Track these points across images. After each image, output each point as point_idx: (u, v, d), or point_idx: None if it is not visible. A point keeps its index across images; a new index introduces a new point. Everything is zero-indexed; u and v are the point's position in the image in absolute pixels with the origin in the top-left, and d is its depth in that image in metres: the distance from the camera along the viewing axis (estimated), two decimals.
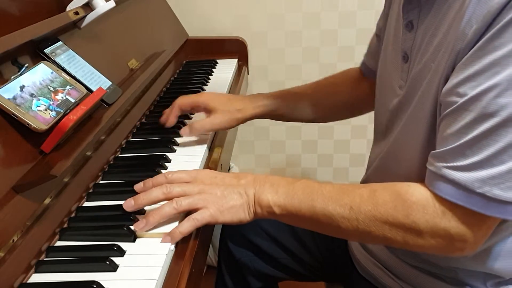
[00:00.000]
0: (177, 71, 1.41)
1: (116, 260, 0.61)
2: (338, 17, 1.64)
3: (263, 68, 1.71)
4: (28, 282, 0.59)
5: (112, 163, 0.87)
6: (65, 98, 0.78)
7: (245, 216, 0.69)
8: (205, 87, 1.28)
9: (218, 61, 1.50)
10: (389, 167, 0.77)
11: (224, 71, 1.43)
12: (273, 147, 1.84)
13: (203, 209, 0.67)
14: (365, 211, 0.62)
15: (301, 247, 0.96)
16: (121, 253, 0.63)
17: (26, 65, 0.75)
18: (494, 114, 0.54)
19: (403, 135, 0.72)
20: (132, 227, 0.66)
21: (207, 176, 0.71)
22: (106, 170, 0.84)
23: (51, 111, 0.73)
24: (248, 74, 1.57)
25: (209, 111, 0.93)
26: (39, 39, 0.82)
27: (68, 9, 0.92)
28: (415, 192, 0.61)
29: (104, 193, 0.77)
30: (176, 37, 1.51)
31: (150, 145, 0.92)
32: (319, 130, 1.80)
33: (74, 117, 0.73)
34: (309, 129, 1.80)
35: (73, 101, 0.78)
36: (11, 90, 0.69)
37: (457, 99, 0.57)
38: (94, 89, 0.86)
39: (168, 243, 0.64)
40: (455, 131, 0.57)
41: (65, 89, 0.79)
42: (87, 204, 0.75)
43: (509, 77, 0.53)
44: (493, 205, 0.56)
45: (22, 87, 0.71)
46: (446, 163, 0.58)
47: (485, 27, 0.55)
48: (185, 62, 1.50)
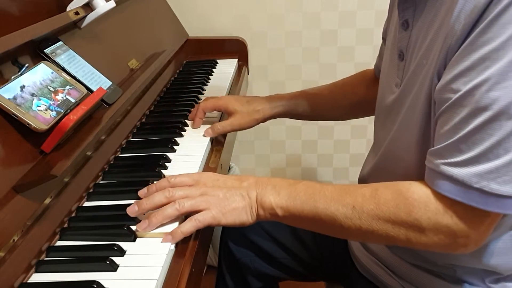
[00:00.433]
0: (177, 71, 1.41)
1: (116, 260, 0.61)
2: (338, 17, 1.64)
3: (263, 68, 1.71)
4: (28, 282, 0.59)
5: (112, 163, 0.87)
6: (65, 98, 0.78)
7: (247, 218, 0.69)
8: (205, 87, 1.28)
9: (218, 61, 1.50)
10: (387, 165, 0.77)
11: (224, 71, 1.43)
12: (273, 147, 1.84)
13: (206, 210, 0.67)
14: (368, 210, 0.63)
15: (302, 247, 0.96)
16: (121, 253, 0.63)
17: (26, 65, 0.75)
18: (486, 108, 0.54)
19: (399, 133, 0.72)
20: (132, 227, 0.67)
21: (209, 178, 0.72)
22: (106, 170, 0.84)
23: (52, 111, 0.73)
24: (248, 74, 1.57)
25: (229, 113, 1.00)
26: (39, 39, 0.82)
27: (68, 9, 0.93)
28: (417, 190, 0.61)
29: (104, 193, 0.78)
30: (176, 37, 1.51)
31: (150, 145, 0.93)
32: (319, 130, 1.80)
33: (74, 117, 0.73)
34: (309, 129, 1.79)
35: (73, 101, 0.78)
36: (11, 90, 0.69)
37: (451, 96, 0.58)
38: (94, 89, 0.86)
39: (168, 243, 0.64)
40: (451, 127, 0.58)
41: (65, 89, 0.79)
42: (87, 204, 0.75)
43: (499, 71, 0.53)
44: (491, 199, 0.56)
45: (22, 87, 0.71)
46: (443, 160, 0.58)
47: (473, 22, 0.56)
48: (185, 62, 1.50)
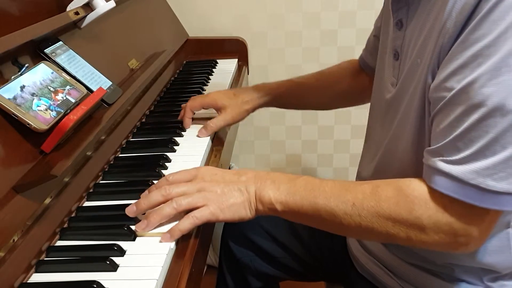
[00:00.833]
0: (177, 71, 1.41)
1: (116, 260, 0.61)
2: (338, 17, 1.63)
3: (263, 68, 1.71)
4: (28, 282, 0.59)
5: (112, 163, 0.87)
6: (65, 98, 0.78)
7: (246, 213, 0.69)
8: (205, 87, 1.28)
9: (218, 61, 1.50)
10: (387, 165, 0.77)
11: (224, 71, 1.43)
12: (273, 147, 1.84)
13: (204, 207, 0.66)
14: (368, 207, 0.62)
15: (302, 247, 0.96)
16: (121, 252, 0.63)
17: (26, 65, 0.75)
18: (480, 104, 0.54)
19: (398, 132, 0.72)
20: (132, 227, 0.67)
21: (207, 173, 0.71)
22: (106, 170, 0.84)
23: (52, 111, 0.73)
24: (248, 74, 1.57)
25: (219, 108, 0.99)
26: (39, 39, 0.82)
27: (68, 9, 0.93)
28: (417, 187, 0.61)
29: (104, 193, 0.78)
30: (176, 37, 1.51)
31: (150, 145, 0.93)
32: (319, 130, 1.80)
33: (74, 117, 0.73)
34: (309, 129, 1.79)
35: (73, 101, 0.78)
36: (11, 90, 0.69)
37: (445, 94, 0.58)
38: (94, 89, 0.86)
39: (168, 243, 0.64)
40: (447, 126, 0.58)
41: (66, 89, 0.79)
42: (87, 204, 0.75)
43: (492, 67, 0.53)
44: (487, 196, 0.56)
45: (22, 87, 0.71)
46: (441, 157, 0.58)
47: (465, 20, 0.56)
48: (185, 62, 1.50)
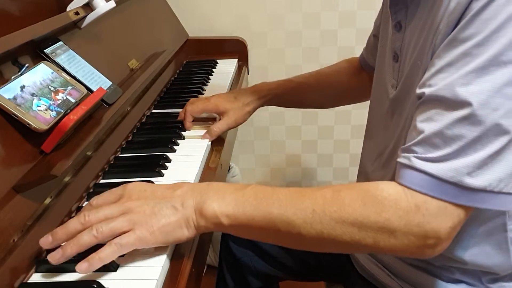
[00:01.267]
0: (177, 71, 1.41)
1: (116, 259, 0.61)
2: (338, 17, 1.64)
3: (263, 68, 1.71)
4: (28, 282, 0.59)
5: (112, 163, 0.87)
6: (65, 98, 0.78)
7: (182, 233, 0.61)
8: (205, 87, 1.28)
9: (218, 61, 1.50)
10: (388, 164, 0.77)
11: (224, 71, 1.43)
12: (273, 147, 1.84)
13: (129, 232, 0.59)
14: (330, 213, 0.57)
15: None
16: None
17: (26, 65, 0.75)
18: (465, 102, 0.53)
19: (402, 134, 0.72)
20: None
21: (135, 190, 0.63)
22: (106, 170, 0.85)
23: (52, 111, 0.73)
24: (248, 74, 1.57)
25: (221, 113, 0.99)
26: (39, 39, 0.82)
27: (68, 9, 0.93)
28: (386, 188, 0.57)
29: None
30: (176, 37, 1.51)
31: (150, 145, 0.93)
32: (319, 130, 1.80)
33: (74, 117, 0.73)
34: (309, 129, 1.80)
35: (73, 101, 0.78)
36: (11, 90, 0.69)
37: (427, 90, 0.57)
38: (94, 89, 0.86)
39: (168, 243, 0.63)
40: (424, 122, 0.56)
41: (66, 89, 0.79)
42: None
43: (480, 66, 0.53)
44: (464, 193, 0.54)
45: (22, 87, 0.71)
46: (415, 154, 0.56)
47: (456, 20, 0.56)
48: (185, 62, 1.50)
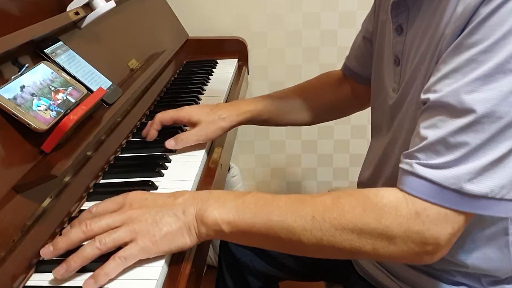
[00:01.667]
0: (177, 71, 1.41)
1: None
2: (338, 17, 1.64)
3: (263, 68, 1.71)
4: (28, 282, 0.59)
5: (112, 163, 0.87)
6: (65, 98, 0.78)
7: (185, 241, 0.61)
8: (205, 87, 1.28)
9: (218, 61, 1.50)
10: (380, 170, 0.77)
11: (224, 71, 1.43)
12: (273, 147, 1.84)
13: (132, 243, 0.58)
14: (330, 220, 0.57)
15: None
16: None
17: (26, 65, 0.75)
18: (470, 110, 0.53)
19: (393, 137, 0.72)
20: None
21: (136, 199, 0.63)
22: (106, 170, 0.85)
23: (52, 111, 0.73)
24: (248, 74, 1.57)
25: (193, 124, 0.92)
26: (39, 39, 0.82)
27: (68, 9, 0.92)
28: (386, 194, 0.57)
29: (104, 193, 0.77)
30: (176, 37, 1.51)
31: (150, 145, 0.92)
32: (319, 130, 1.80)
33: (74, 117, 0.73)
34: (309, 129, 1.79)
35: (73, 101, 0.78)
36: (11, 90, 0.69)
37: (431, 96, 0.56)
38: (94, 89, 0.86)
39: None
40: (427, 128, 0.56)
41: (66, 89, 0.79)
42: (87, 204, 0.75)
43: (486, 73, 0.52)
44: (465, 199, 0.54)
45: (22, 87, 0.71)
46: (418, 160, 0.56)
47: (463, 25, 0.55)
48: (185, 62, 1.50)
